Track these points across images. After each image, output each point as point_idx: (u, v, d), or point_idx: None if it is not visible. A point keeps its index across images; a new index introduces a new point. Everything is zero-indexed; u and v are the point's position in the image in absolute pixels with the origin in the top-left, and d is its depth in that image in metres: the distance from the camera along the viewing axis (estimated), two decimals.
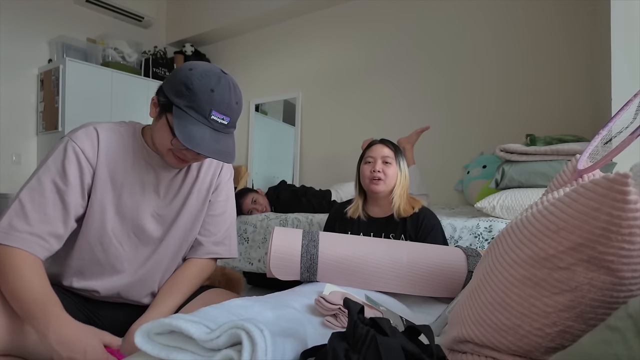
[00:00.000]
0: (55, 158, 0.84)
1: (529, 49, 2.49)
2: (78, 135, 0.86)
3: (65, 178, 0.83)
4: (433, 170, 2.80)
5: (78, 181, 0.85)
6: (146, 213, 0.93)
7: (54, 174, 0.83)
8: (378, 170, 1.35)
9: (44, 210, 0.80)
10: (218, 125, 0.83)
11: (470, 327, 0.54)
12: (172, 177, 0.97)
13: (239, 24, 3.77)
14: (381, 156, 1.38)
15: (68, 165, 0.83)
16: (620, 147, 0.50)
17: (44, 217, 0.80)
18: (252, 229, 2.16)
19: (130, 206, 0.91)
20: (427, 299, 0.96)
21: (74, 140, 0.85)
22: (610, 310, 0.41)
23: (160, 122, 0.85)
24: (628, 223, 0.38)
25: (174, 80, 0.83)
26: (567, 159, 1.58)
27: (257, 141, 3.83)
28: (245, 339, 0.39)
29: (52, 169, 0.83)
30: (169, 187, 0.96)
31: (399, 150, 1.43)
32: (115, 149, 0.89)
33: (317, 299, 0.67)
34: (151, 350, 0.42)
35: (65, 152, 0.84)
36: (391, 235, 1.31)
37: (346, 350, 0.41)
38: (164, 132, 0.85)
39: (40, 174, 0.83)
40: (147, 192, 0.93)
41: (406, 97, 2.99)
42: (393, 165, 1.38)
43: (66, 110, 3.20)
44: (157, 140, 0.88)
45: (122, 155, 0.90)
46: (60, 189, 0.83)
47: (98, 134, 0.88)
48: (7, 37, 3.21)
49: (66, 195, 0.83)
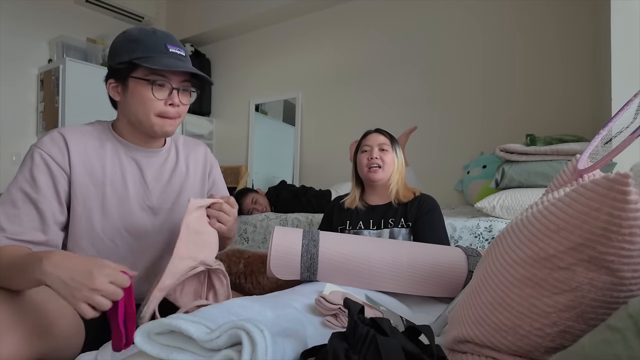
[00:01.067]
0: (23, 168, 0.80)
1: (529, 49, 2.49)
2: (44, 142, 0.82)
3: (35, 186, 0.79)
4: (433, 170, 2.80)
5: (52, 189, 0.80)
6: (134, 206, 0.91)
7: (23, 184, 0.79)
8: (375, 157, 1.35)
9: (19, 222, 0.76)
10: (178, 56, 0.85)
11: (470, 327, 0.54)
12: (159, 165, 0.95)
13: (239, 24, 3.77)
14: (377, 144, 1.39)
15: (37, 173, 0.79)
16: (620, 147, 0.50)
17: (20, 229, 0.76)
18: (252, 229, 2.17)
19: (116, 202, 0.88)
20: (427, 298, 0.96)
21: (41, 147, 0.81)
22: (611, 310, 0.41)
23: (131, 90, 0.84)
24: (628, 223, 0.38)
25: (116, 48, 0.85)
26: (567, 159, 1.58)
27: (257, 141, 3.83)
28: (245, 339, 0.39)
29: (20, 180, 0.79)
30: (157, 176, 0.94)
31: (393, 138, 1.45)
32: (87, 150, 0.86)
33: (317, 299, 0.67)
34: (151, 350, 0.42)
35: (33, 160, 0.80)
36: (390, 220, 1.31)
37: (346, 350, 0.41)
38: (141, 92, 0.82)
39: (9, 187, 0.79)
40: (132, 185, 0.90)
41: (406, 97, 2.99)
42: (390, 152, 1.39)
43: (66, 110, 3.20)
44: (137, 108, 0.84)
45: (96, 154, 0.87)
46: (31, 197, 0.78)
47: (65, 138, 0.84)
48: (7, 37, 3.21)
49: (39, 203, 0.78)
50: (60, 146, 0.82)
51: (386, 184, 1.38)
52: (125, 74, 0.84)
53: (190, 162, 1.02)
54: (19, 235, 0.75)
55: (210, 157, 1.09)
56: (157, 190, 0.94)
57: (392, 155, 1.40)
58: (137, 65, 0.81)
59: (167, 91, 0.84)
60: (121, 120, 0.92)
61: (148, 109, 0.84)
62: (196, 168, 1.03)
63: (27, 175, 0.79)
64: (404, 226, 1.30)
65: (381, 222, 1.32)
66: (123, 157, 0.90)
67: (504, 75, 2.59)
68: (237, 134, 3.96)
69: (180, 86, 0.86)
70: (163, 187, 0.95)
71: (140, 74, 0.82)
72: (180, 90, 0.87)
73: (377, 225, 1.32)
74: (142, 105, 0.83)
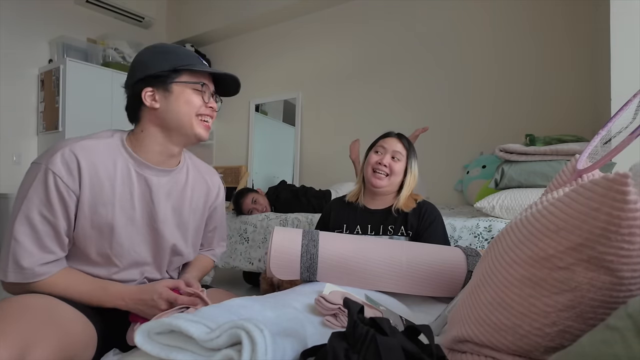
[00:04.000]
0: (37, 190, 0.81)
1: (529, 49, 2.49)
2: (55, 164, 0.81)
3: (52, 209, 0.81)
4: (433, 170, 2.80)
5: (63, 211, 0.83)
6: (141, 226, 0.92)
7: (40, 207, 0.81)
8: (385, 164, 1.28)
9: (42, 243, 0.81)
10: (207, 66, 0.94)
11: (469, 327, 0.54)
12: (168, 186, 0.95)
13: (239, 24, 3.77)
14: (392, 150, 1.31)
15: (52, 197, 0.81)
16: (619, 147, 0.50)
17: (44, 249, 0.81)
18: (252, 228, 2.17)
19: (124, 222, 0.89)
20: (426, 298, 0.96)
21: (53, 170, 0.81)
22: (610, 310, 0.41)
23: (176, 94, 0.89)
24: (627, 223, 0.38)
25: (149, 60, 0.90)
26: (567, 159, 1.58)
27: (257, 141, 3.83)
28: (245, 338, 0.39)
29: (35, 202, 0.81)
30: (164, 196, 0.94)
31: (412, 149, 1.35)
32: (98, 171, 0.85)
33: (317, 299, 0.67)
34: (151, 349, 0.42)
35: (46, 184, 0.81)
36: (390, 227, 1.27)
37: (346, 349, 0.41)
38: (187, 95, 0.89)
39: (24, 209, 0.80)
40: (138, 204, 0.90)
41: (406, 97, 2.99)
42: (402, 162, 1.30)
43: (66, 110, 3.21)
44: (182, 109, 0.89)
45: (106, 174, 0.86)
46: (49, 220, 0.81)
47: (78, 160, 0.83)
48: (7, 37, 3.21)
49: (56, 225, 0.82)
50: (72, 170, 0.83)
51: (388, 193, 1.32)
52: (169, 80, 0.88)
53: (196, 190, 1.02)
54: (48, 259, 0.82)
55: (218, 187, 1.10)
56: (162, 210, 0.94)
57: (403, 165, 1.31)
58: (181, 71, 0.89)
59: (207, 94, 0.92)
60: (146, 131, 0.91)
61: (192, 109, 0.90)
62: (199, 197, 1.03)
63: (43, 198, 0.81)
64: (404, 234, 1.26)
65: (380, 227, 1.28)
66: (133, 175, 0.89)
67: (504, 75, 2.59)
68: (237, 134, 3.96)
69: (213, 93, 0.95)
70: (169, 207, 0.95)
71: (186, 79, 0.90)
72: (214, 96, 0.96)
73: (376, 231, 1.28)
74: (187, 105, 0.89)
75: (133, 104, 0.92)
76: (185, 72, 0.89)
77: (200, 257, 1.12)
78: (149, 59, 0.90)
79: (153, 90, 0.89)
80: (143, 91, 0.88)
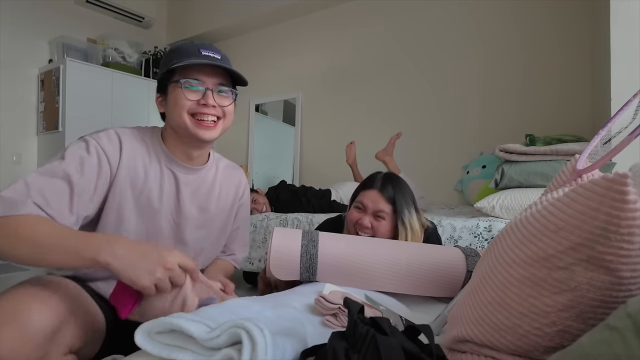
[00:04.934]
0: (74, 151, 0.77)
1: (529, 49, 2.49)
2: (101, 137, 0.82)
3: (81, 172, 0.76)
4: (433, 170, 2.80)
5: (94, 183, 0.78)
6: (163, 219, 0.90)
7: (69, 165, 0.75)
8: (366, 225, 1.10)
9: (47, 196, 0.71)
10: (211, 58, 0.85)
11: (469, 327, 0.54)
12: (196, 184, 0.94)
13: (239, 24, 3.77)
14: (373, 210, 1.11)
15: (88, 161, 0.77)
16: (619, 147, 0.50)
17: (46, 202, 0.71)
18: (252, 229, 2.17)
19: (148, 213, 0.88)
20: (426, 298, 0.96)
21: (97, 141, 0.80)
22: (610, 310, 0.41)
23: (169, 95, 0.86)
24: (627, 223, 0.38)
25: (161, 65, 0.91)
26: (567, 159, 1.58)
27: (257, 141, 3.83)
28: (245, 338, 0.39)
29: (68, 160, 0.76)
30: (191, 195, 0.94)
31: (402, 198, 1.11)
32: (136, 156, 0.86)
33: (317, 299, 0.67)
34: (152, 349, 0.42)
35: (88, 148, 0.79)
36: None
37: (346, 349, 0.41)
38: (176, 94, 0.84)
39: (53, 164, 0.75)
40: (166, 199, 0.90)
41: (406, 97, 2.99)
42: (387, 221, 1.10)
43: (67, 110, 3.21)
44: (174, 110, 0.85)
45: (142, 162, 0.87)
46: (72, 181, 0.74)
47: (120, 140, 0.84)
48: (7, 37, 3.21)
49: (76, 187, 0.75)
50: (116, 147, 0.82)
51: None
52: (165, 83, 0.87)
53: (224, 187, 1.01)
54: (46, 209, 0.71)
55: (244, 185, 1.09)
56: (187, 208, 0.93)
57: (390, 224, 1.10)
58: (173, 71, 0.85)
59: (200, 93, 0.85)
60: (167, 131, 0.92)
61: (180, 108, 0.84)
62: (228, 194, 1.02)
63: (77, 159, 0.76)
64: None
65: None
66: (165, 169, 0.90)
67: (504, 75, 2.59)
68: (237, 134, 3.96)
69: (215, 88, 0.86)
70: (194, 206, 0.95)
71: (176, 79, 0.85)
72: (215, 92, 0.86)
73: None
74: (176, 106, 0.84)
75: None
76: (178, 71, 0.85)
77: (220, 262, 1.09)
78: (162, 63, 0.91)
79: (160, 96, 0.90)
80: (155, 97, 0.92)
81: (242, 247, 1.14)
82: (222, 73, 0.88)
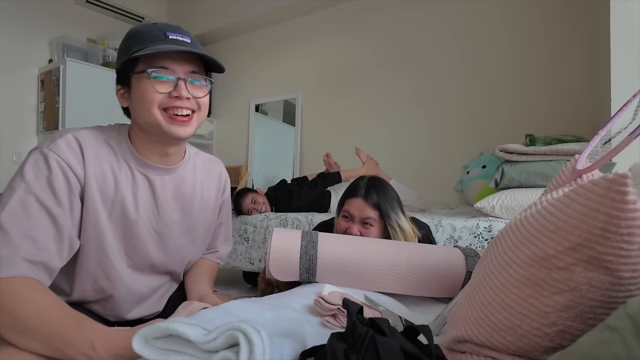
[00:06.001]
0: (37, 173, 0.66)
1: (529, 49, 2.49)
2: (59, 147, 0.69)
3: (55, 197, 0.66)
4: (433, 170, 2.80)
5: (67, 199, 0.68)
6: (142, 229, 0.81)
7: (39, 192, 0.65)
8: (355, 234, 1.09)
9: (32, 236, 0.63)
10: (180, 42, 0.73)
11: (469, 327, 0.54)
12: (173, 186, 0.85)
13: (239, 24, 3.77)
14: (360, 217, 1.10)
15: (56, 182, 0.66)
16: (619, 147, 0.50)
17: (34, 245, 0.63)
18: (252, 229, 2.17)
19: (123, 224, 0.78)
20: (426, 298, 0.96)
21: (56, 152, 0.68)
22: (609, 310, 0.41)
23: (133, 88, 0.74)
24: (627, 223, 0.38)
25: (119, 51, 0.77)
26: (567, 159, 1.58)
27: (257, 141, 3.83)
28: (242, 340, 0.39)
29: (34, 186, 0.65)
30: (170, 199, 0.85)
31: (389, 204, 1.11)
32: (102, 162, 0.74)
33: (316, 299, 0.67)
34: (149, 354, 0.42)
35: (49, 165, 0.66)
36: None
37: (345, 350, 0.41)
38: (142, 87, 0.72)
39: (19, 193, 0.64)
40: (142, 207, 0.80)
41: (406, 97, 2.99)
42: (375, 227, 1.10)
43: (67, 110, 3.21)
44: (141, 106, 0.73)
45: (110, 168, 0.75)
46: (50, 211, 0.65)
47: (81, 146, 0.71)
48: (7, 37, 3.21)
49: (59, 217, 0.66)
50: (77, 155, 0.70)
51: None
52: (127, 73, 0.74)
53: (205, 184, 0.93)
54: (37, 257, 0.63)
55: (225, 178, 1.01)
56: (168, 214, 0.84)
57: (379, 229, 1.10)
58: (136, 60, 0.72)
59: (171, 83, 0.73)
60: (134, 129, 0.80)
61: (149, 103, 0.72)
62: (210, 192, 0.94)
63: (44, 183, 0.65)
64: None
65: None
66: (136, 173, 0.79)
67: (504, 75, 2.59)
68: (237, 134, 3.96)
69: (188, 77, 0.74)
70: (175, 211, 0.86)
71: (140, 68, 0.72)
72: (187, 82, 0.75)
73: None
74: (143, 101, 0.72)
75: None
76: (142, 59, 0.72)
77: (204, 263, 1.02)
78: (119, 49, 0.77)
79: (122, 88, 0.78)
80: (116, 90, 0.78)
81: (225, 244, 1.07)
82: (194, 59, 0.75)
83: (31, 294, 0.60)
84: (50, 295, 0.63)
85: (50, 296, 0.63)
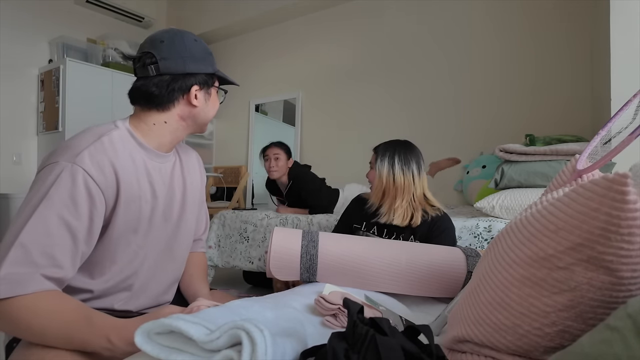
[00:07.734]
0: (60, 189, 0.68)
1: (529, 49, 2.49)
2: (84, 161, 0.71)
3: (76, 211, 0.68)
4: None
5: (88, 216, 0.71)
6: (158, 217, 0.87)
7: (61, 208, 0.67)
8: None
9: (52, 254, 0.66)
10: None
11: (469, 327, 0.54)
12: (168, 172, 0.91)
13: (239, 24, 3.77)
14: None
15: (79, 197, 0.69)
16: (619, 147, 0.50)
17: (52, 261, 0.66)
18: (252, 228, 2.17)
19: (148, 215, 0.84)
20: (426, 298, 0.96)
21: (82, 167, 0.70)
22: (610, 310, 0.41)
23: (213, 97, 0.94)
24: (627, 223, 0.38)
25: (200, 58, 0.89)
26: (567, 159, 1.58)
27: (257, 141, 3.83)
28: (245, 339, 0.39)
29: (55, 202, 0.67)
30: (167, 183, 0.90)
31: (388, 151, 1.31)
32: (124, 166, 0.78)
33: (317, 299, 0.67)
34: (151, 350, 0.42)
35: (74, 181, 0.69)
36: (401, 236, 1.29)
37: (346, 350, 0.41)
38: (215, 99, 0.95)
39: (41, 210, 0.66)
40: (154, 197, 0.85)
41: (406, 97, 2.99)
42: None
43: (67, 110, 3.21)
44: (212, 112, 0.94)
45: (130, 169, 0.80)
46: (71, 225, 0.68)
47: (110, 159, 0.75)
48: (7, 37, 3.21)
49: (77, 231, 0.69)
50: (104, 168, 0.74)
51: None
52: (211, 83, 0.93)
53: (187, 168, 0.98)
54: (55, 274, 0.66)
55: (201, 163, 1.08)
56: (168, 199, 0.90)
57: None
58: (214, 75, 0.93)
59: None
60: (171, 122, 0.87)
61: (215, 111, 0.96)
62: (194, 175, 1.00)
63: (66, 198, 0.67)
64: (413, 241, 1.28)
65: (393, 234, 1.30)
66: (149, 165, 0.85)
67: (504, 75, 2.59)
68: (237, 134, 3.96)
69: None
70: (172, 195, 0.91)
71: (217, 85, 0.95)
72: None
73: (389, 236, 1.31)
74: (214, 108, 0.95)
75: (171, 93, 0.84)
76: (217, 77, 0.94)
77: (195, 257, 1.06)
78: (201, 57, 0.89)
79: (199, 89, 0.89)
80: (193, 87, 0.87)
81: (205, 228, 1.12)
82: None
83: (42, 304, 0.64)
84: (59, 300, 0.66)
85: (59, 301, 0.66)
